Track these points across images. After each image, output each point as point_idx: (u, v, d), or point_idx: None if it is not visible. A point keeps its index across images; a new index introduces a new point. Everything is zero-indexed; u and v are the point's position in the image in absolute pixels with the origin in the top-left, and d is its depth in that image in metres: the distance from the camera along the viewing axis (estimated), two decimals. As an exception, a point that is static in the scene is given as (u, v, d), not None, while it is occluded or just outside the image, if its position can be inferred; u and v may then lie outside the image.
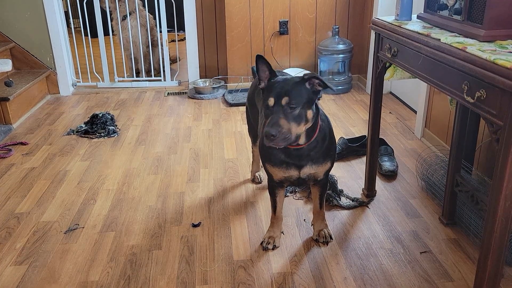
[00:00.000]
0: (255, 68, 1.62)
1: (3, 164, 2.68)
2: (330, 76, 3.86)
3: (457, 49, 1.31)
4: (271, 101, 1.52)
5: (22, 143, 2.95)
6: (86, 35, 4.07)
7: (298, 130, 1.53)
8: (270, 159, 1.73)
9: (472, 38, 1.39)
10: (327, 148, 1.71)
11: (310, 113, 1.55)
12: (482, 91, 1.21)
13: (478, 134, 2.02)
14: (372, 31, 1.97)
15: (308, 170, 1.71)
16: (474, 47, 1.27)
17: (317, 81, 1.54)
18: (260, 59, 1.59)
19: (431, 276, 1.70)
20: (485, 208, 1.68)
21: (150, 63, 4.34)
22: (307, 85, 1.54)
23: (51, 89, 3.97)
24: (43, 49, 3.85)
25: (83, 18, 4.03)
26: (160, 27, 4.03)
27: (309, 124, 1.58)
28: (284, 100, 1.50)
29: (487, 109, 1.21)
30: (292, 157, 1.68)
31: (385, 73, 2.00)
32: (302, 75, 1.56)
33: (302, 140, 1.62)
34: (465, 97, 1.29)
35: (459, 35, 1.45)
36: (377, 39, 1.95)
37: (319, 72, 3.94)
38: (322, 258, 1.82)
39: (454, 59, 1.31)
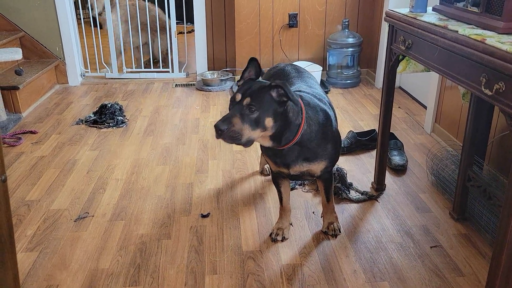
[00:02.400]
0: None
1: (13, 152, 2.69)
2: (339, 70, 3.84)
3: (475, 41, 1.30)
4: (238, 97, 1.50)
5: (31, 132, 2.96)
6: (95, 26, 4.06)
7: (252, 134, 1.48)
8: (264, 151, 1.74)
9: (490, 30, 1.37)
10: (318, 147, 1.65)
11: (269, 121, 1.49)
12: (501, 83, 1.19)
13: (490, 129, 2.00)
14: (385, 23, 1.95)
15: (298, 168, 1.68)
16: (493, 39, 1.26)
17: (281, 91, 1.47)
18: (252, 61, 1.58)
19: (442, 271, 1.70)
20: (498, 203, 1.67)
21: (156, 52, 4.30)
22: (273, 93, 1.49)
23: (59, 79, 3.97)
24: (52, 38, 3.86)
25: (92, 9, 4.02)
26: (169, 18, 4.02)
27: (269, 132, 1.52)
28: (246, 101, 1.47)
29: (506, 102, 1.20)
30: (277, 155, 1.66)
31: (398, 66, 1.98)
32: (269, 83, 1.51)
33: (268, 144, 1.57)
34: (483, 89, 1.27)
35: (476, 27, 1.43)
36: (390, 32, 1.93)
37: (327, 65, 3.92)
38: (331, 251, 1.82)
39: (472, 51, 1.30)
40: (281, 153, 1.64)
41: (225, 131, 1.44)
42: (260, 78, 1.60)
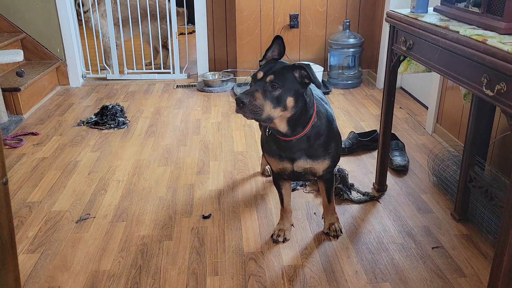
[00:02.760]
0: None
1: (14, 154, 2.70)
2: (340, 71, 3.84)
3: (477, 41, 1.29)
4: (259, 74, 1.51)
5: (33, 133, 2.97)
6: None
7: (272, 112, 1.48)
8: (267, 149, 1.73)
9: (491, 31, 1.37)
10: (323, 145, 1.67)
11: (290, 101, 1.50)
12: (502, 84, 1.19)
13: (492, 129, 2.00)
14: (386, 23, 1.95)
15: (302, 164, 1.68)
16: (495, 40, 1.26)
17: (305, 73, 1.49)
18: (277, 39, 1.59)
19: (443, 271, 1.69)
20: (500, 204, 1.67)
21: (155, 42, 4.28)
22: (296, 73, 1.51)
23: (61, 80, 3.98)
24: (53, 40, 3.86)
25: (83, 5, 3.99)
26: (170, 21, 4.02)
27: (288, 113, 1.53)
28: (269, 78, 1.48)
29: (507, 103, 1.19)
30: (283, 149, 1.66)
31: (399, 66, 1.98)
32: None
33: (283, 129, 1.58)
34: (484, 90, 1.27)
35: (478, 28, 1.43)
36: (391, 32, 1.92)
37: (329, 66, 3.91)
38: (333, 252, 1.82)
39: (473, 51, 1.30)
40: (288, 146, 1.64)
41: (247, 104, 1.44)
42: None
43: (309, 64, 1.55)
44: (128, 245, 1.87)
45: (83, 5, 3.99)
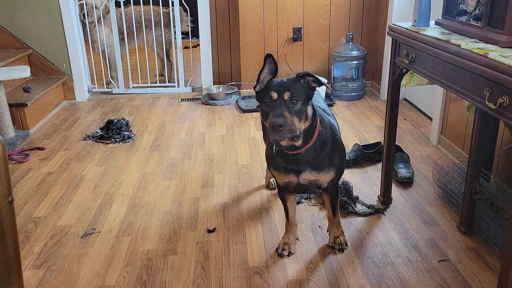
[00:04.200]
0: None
1: (20, 169, 2.72)
2: (344, 83, 3.85)
3: (478, 55, 1.30)
4: (274, 95, 1.53)
5: (39, 148, 2.99)
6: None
7: (301, 125, 1.54)
8: (271, 163, 1.74)
9: (493, 44, 1.38)
10: (328, 155, 1.68)
11: (309, 110, 1.57)
12: (504, 97, 1.19)
13: (497, 141, 1.99)
14: (388, 37, 1.96)
15: (307, 176, 1.69)
16: (496, 53, 1.26)
17: (311, 78, 1.57)
18: (269, 57, 1.61)
19: (450, 285, 1.68)
20: (506, 216, 1.66)
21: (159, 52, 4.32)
22: (303, 82, 1.58)
23: (67, 95, 4.02)
24: (60, 55, 3.91)
25: (88, 15, 4.04)
26: (175, 33, 4.06)
27: (308, 123, 1.58)
28: (286, 95, 1.52)
29: (510, 116, 1.19)
30: (290, 162, 1.67)
31: (402, 79, 1.98)
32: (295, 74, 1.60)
33: (299, 143, 1.60)
34: (487, 103, 1.27)
35: (479, 41, 1.44)
36: (394, 45, 1.94)
37: (332, 78, 3.93)
38: (338, 265, 1.81)
39: (475, 65, 1.30)
40: (295, 159, 1.66)
41: (283, 125, 1.47)
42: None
43: (307, 71, 1.60)
44: (133, 260, 1.87)
45: (88, 16, 4.04)
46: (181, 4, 4.08)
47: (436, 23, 1.80)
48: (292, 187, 1.76)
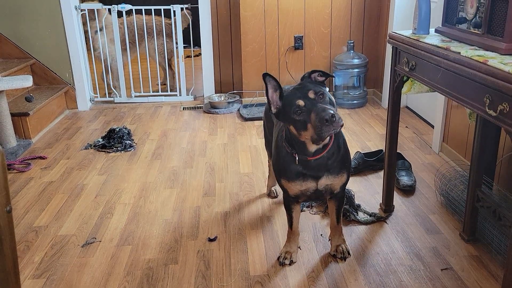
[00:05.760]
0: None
1: (22, 178, 2.72)
2: (345, 91, 3.85)
3: (478, 62, 1.30)
4: (301, 102, 1.51)
5: (41, 157, 3.00)
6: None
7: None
8: (286, 174, 1.71)
9: (492, 51, 1.38)
10: (342, 158, 1.70)
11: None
12: (505, 104, 1.19)
13: (499, 148, 1.98)
14: (388, 45, 1.97)
15: (325, 181, 1.69)
16: (496, 60, 1.26)
17: (316, 73, 1.63)
18: (267, 75, 1.60)
19: (453, 294, 1.66)
20: (508, 224, 1.64)
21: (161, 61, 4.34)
22: (312, 79, 1.64)
23: (69, 104, 4.04)
24: (62, 65, 3.94)
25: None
26: (177, 43, 4.09)
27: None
28: (311, 94, 1.53)
29: (510, 123, 1.19)
30: (310, 168, 1.66)
31: (403, 87, 1.98)
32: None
33: (325, 142, 1.62)
34: (487, 110, 1.27)
35: (479, 48, 1.44)
36: (394, 53, 1.94)
37: (334, 86, 3.94)
38: (340, 274, 1.79)
39: (475, 72, 1.30)
40: (315, 164, 1.65)
41: (335, 114, 1.46)
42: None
43: (313, 69, 1.67)
44: (133, 269, 1.86)
45: (90, 25, 4.06)
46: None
47: (436, 30, 1.81)
48: (307, 195, 1.73)
